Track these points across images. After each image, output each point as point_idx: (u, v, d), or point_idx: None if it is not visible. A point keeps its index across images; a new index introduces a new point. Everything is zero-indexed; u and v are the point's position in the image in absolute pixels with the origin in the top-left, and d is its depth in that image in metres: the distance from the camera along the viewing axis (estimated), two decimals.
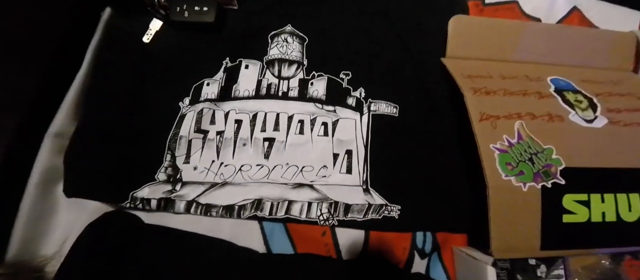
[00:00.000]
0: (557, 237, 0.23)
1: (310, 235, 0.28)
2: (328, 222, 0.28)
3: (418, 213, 0.28)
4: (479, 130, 0.25)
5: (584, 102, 0.29)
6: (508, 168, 0.24)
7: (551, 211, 0.23)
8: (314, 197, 0.28)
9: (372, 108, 0.31)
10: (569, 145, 0.26)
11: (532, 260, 0.27)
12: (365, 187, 0.29)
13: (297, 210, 0.28)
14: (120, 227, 0.25)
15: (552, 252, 0.23)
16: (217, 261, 0.25)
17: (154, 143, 0.28)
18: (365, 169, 0.29)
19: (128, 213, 0.27)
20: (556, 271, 0.27)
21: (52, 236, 0.27)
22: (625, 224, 0.24)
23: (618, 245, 0.24)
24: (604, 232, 0.24)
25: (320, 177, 0.29)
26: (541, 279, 0.27)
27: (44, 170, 0.27)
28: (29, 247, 0.26)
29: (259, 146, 0.29)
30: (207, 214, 0.27)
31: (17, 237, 0.25)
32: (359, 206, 0.28)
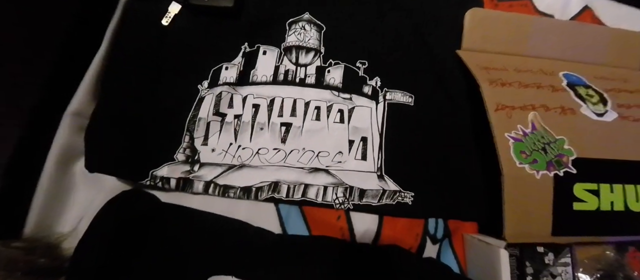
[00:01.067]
0: (568, 224, 0.24)
1: (326, 219, 0.29)
2: (343, 205, 0.29)
3: (431, 200, 0.30)
4: (495, 120, 0.26)
5: (595, 96, 0.30)
6: (522, 156, 0.25)
7: (562, 199, 0.25)
8: (329, 181, 0.29)
9: (387, 97, 0.32)
10: (581, 137, 0.27)
11: (541, 248, 0.28)
12: (380, 173, 0.30)
13: (314, 194, 0.28)
14: (139, 205, 0.26)
15: (563, 238, 0.24)
16: (234, 241, 0.26)
17: (172, 124, 0.28)
18: (380, 156, 0.30)
19: (146, 192, 0.27)
20: (563, 259, 0.29)
21: (69, 214, 0.28)
22: (632, 213, 0.26)
23: (626, 234, 0.25)
24: (612, 220, 0.25)
25: (335, 162, 0.30)
26: (549, 266, 0.29)
27: (63, 149, 0.27)
28: (45, 224, 0.26)
29: (276, 131, 0.30)
30: (225, 195, 0.28)
31: (34, 214, 0.26)
32: (373, 191, 0.29)
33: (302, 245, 0.27)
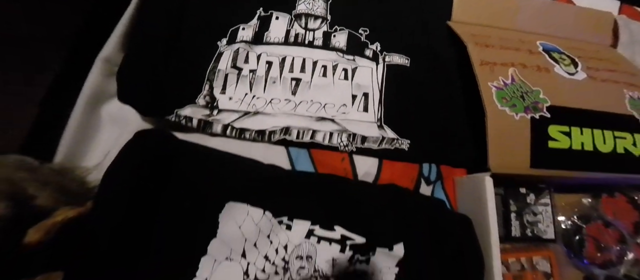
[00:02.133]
0: (544, 159, 0.28)
1: (331, 161, 0.32)
2: (347, 148, 0.32)
3: (425, 147, 0.33)
4: (480, 72, 0.31)
5: (567, 60, 0.35)
6: (503, 101, 0.29)
7: (538, 137, 0.28)
8: (335, 128, 0.33)
9: (387, 59, 0.36)
10: (554, 90, 0.31)
11: (523, 189, 0.32)
12: (380, 123, 0.34)
13: (321, 138, 0.32)
14: (162, 140, 0.29)
15: (540, 170, 0.28)
16: (248, 173, 0.29)
17: (194, 74, 0.32)
18: (380, 109, 0.34)
19: (167, 131, 0.30)
20: (543, 200, 0.32)
21: (95, 151, 0.30)
22: (600, 153, 0.30)
23: (596, 171, 0.29)
24: (582, 158, 0.29)
25: (340, 113, 0.34)
26: (530, 205, 0.32)
27: (93, 90, 0.30)
28: (74, 157, 0.29)
29: (287, 84, 0.34)
30: (241, 137, 0.31)
31: (64, 146, 0.28)
32: (374, 138, 0.33)
33: (309, 179, 0.30)
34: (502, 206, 0.32)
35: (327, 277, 0.28)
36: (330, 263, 0.28)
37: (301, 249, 0.28)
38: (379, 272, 0.29)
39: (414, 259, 0.29)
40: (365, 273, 0.29)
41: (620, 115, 0.32)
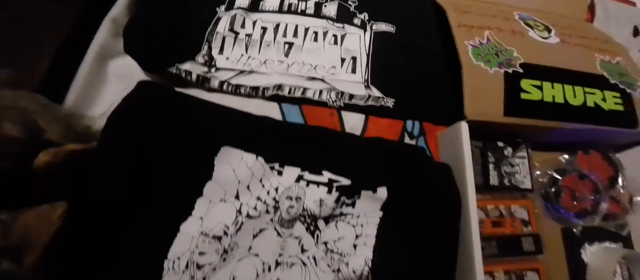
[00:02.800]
0: (517, 108, 0.30)
1: (320, 116, 0.34)
2: (336, 104, 0.34)
3: (408, 105, 0.36)
4: (457, 32, 0.33)
5: (542, 26, 0.38)
6: (478, 57, 0.32)
7: (511, 89, 0.31)
8: (324, 87, 0.35)
9: (374, 27, 0.39)
10: (527, 50, 0.34)
11: (501, 143, 0.34)
12: (366, 84, 0.36)
13: (311, 94, 0.34)
14: (163, 89, 0.31)
15: (513, 119, 0.30)
16: (242, 122, 0.31)
17: (194, 35, 0.35)
18: (367, 71, 0.37)
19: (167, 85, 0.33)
20: (520, 153, 0.35)
21: (100, 103, 0.33)
22: (570, 106, 0.32)
23: (566, 121, 0.31)
24: (553, 109, 0.31)
25: (330, 74, 0.36)
26: (508, 158, 0.34)
27: (100, 48, 0.33)
28: (80, 107, 0.31)
29: (280, 47, 0.36)
30: (236, 92, 0.34)
31: (71, 97, 0.31)
32: (361, 95, 0.35)
33: (300, 129, 0.32)
34: (481, 157, 0.34)
35: (315, 216, 0.30)
36: (318, 203, 0.30)
37: (291, 191, 0.30)
38: (364, 215, 0.31)
39: (396, 202, 0.31)
40: (351, 216, 0.31)
41: (590, 74, 0.35)
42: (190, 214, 0.29)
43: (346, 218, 0.32)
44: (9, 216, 0.23)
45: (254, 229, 0.29)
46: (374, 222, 0.32)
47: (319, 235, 0.31)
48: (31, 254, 0.23)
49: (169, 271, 0.27)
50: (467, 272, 0.28)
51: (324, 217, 0.31)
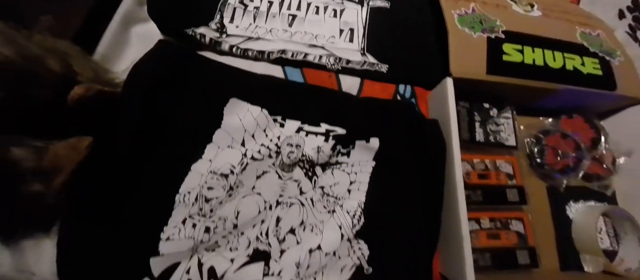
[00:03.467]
0: (498, 68, 0.33)
1: (320, 78, 0.38)
2: (334, 67, 0.38)
3: (401, 71, 0.39)
4: (445, 3, 0.36)
5: (525, 1, 0.41)
6: (464, 24, 0.35)
7: (494, 52, 0.34)
8: (324, 53, 0.39)
9: (370, 3, 0.43)
10: (510, 20, 0.37)
11: (487, 104, 0.37)
12: (363, 51, 0.40)
13: (312, 58, 0.38)
14: (180, 47, 0.35)
15: (495, 77, 0.33)
16: (248, 79, 0.34)
17: (208, 5, 0.39)
18: (363, 41, 0.40)
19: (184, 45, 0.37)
20: (505, 114, 0.37)
21: (124, 61, 0.36)
22: (550, 68, 0.35)
23: (545, 81, 0.34)
24: (533, 70, 0.34)
25: (329, 42, 0.40)
26: (493, 117, 0.37)
27: (126, 13, 0.37)
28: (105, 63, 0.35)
29: (284, 18, 0.40)
30: (244, 55, 0.37)
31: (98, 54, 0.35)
32: (357, 61, 0.38)
33: (301, 87, 0.36)
34: (467, 116, 0.37)
35: (313, 162, 0.33)
36: (316, 150, 0.33)
37: (291, 139, 0.34)
38: (358, 164, 0.34)
39: (388, 151, 0.34)
40: (346, 164, 0.34)
41: (570, 42, 0.37)
42: (201, 157, 0.32)
43: (341, 166, 0.34)
44: (43, 144, 0.27)
45: (257, 170, 0.32)
46: (367, 171, 0.34)
47: (316, 180, 0.34)
48: (59, 177, 0.27)
49: (179, 204, 0.30)
50: (452, 214, 0.30)
51: (321, 164, 0.34)
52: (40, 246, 0.30)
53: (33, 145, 0.26)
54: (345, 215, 0.32)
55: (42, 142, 0.27)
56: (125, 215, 0.29)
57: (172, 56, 0.34)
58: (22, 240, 0.30)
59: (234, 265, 0.29)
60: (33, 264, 0.30)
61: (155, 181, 0.31)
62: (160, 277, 0.28)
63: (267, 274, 0.29)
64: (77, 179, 0.27)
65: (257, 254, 0.30)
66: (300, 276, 0.30)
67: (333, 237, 0.31)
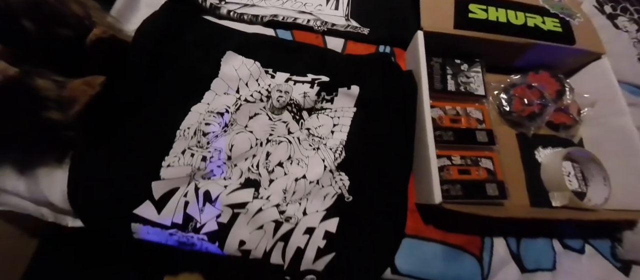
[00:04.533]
0: (465, 23, 0.38)
1: (307, 38, 0.43)
2: (320, 28, 0.42)
3: (381, 34, 0.44)
4: None
5: None
6: None
7: (461, 10, 0.38)
8: (312, 17, 0.44)
9: None
10: None
11: (458, 60, 0.41)
12: (347, 17, 0.44)
13: (301, 21, 0.43)
14: (183, 9, 0.40)
15: (462, 31, 0.37)
16: (243, 35, 0.39)
17: None
18: (348, 8, 0.45)
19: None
20: (475, 68, 0.41)
21: (134, 24, 0.41)
22: (512, 24, 0.39)
23: (508, 35, 0.38)
24: (497, 26, 0.38)
25: (317, 9, 0.45)
26: (464, 71, 0.41)
27: None
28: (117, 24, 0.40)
29: None
30: (240, 19, 0.42)
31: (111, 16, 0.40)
32: (341, 24, 0.43)
33: (291, 44, 0.40)
34: (440, 70, 0.40)
35: (300, 107, 0.37)
36: (302, 95, 0.37)
37: (281, 86, 0.38)
38: (340, 109, 0.38)
39: (367, 97, 0.38)
40: (330, 110, 0.38)
41: (533, 5, 0.42)
42: (200, 101, 0.36)
43: (326, 111, 0.38)
44: (63, 79, 0.31)
45: (250, 111, 0.36)
46: (348, 115, 0.38)
47: (302, 122, 0.38)
48: (75, 107, 0.31)
49: (180, 137, 0.34)
50: (422, 146, 0.33)
51: (308, 109, 0.38)
52: (53, 175, 0.34)
53: (55, 79, 0.31)
54: (328, 151, 0.36)
55: (62, 78, 0.32)
56: (130, 145, 0.33)
57: (177, 15, 0.39)
58: (37, 169, 0.34)
59: (227, 190, 0.33)
60: (46, 189, 0.34)
61: (158, 118, 0.35)
62: (160, 200, 0.32)
63: (257, 197, 0.33)
64: (91, 111, 0.32)
65: (248, 182, 0.34)
66: (286, 201, 0.33)
67: (317, 169, 0.35)
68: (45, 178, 0.34)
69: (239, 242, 0.32)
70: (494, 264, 0.35)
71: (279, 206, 0.33)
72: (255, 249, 0.32)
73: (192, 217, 0.32)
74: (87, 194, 0.32)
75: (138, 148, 0.34)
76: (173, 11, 0.39)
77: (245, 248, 0.32)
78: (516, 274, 0.35)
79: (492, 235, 0.36)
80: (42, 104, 0.31)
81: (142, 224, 0.32)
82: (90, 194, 0.32)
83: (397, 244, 0.34)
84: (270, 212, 0.32)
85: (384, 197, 0.35)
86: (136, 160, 0.33)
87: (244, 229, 0.32)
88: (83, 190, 0.32)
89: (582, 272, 0.37)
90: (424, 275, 0.34)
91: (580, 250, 0.38)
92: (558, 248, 0.38)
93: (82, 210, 0.32)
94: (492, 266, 0.35)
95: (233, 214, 0.32)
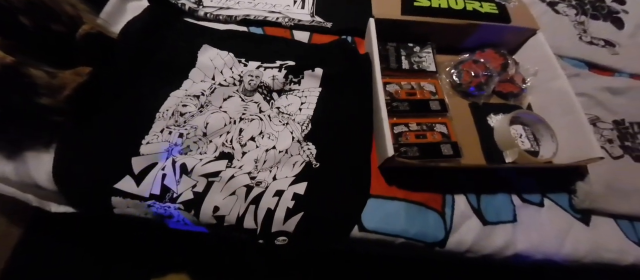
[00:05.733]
0: (411, 10, 0.44)
1: (277, 32, 0.48)
2: (288, 24, 0.48)
3: (343, 26, 0.50)
4: None
5: None
6: None
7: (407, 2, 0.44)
8: (281, 16, 0.49)
9: None
10: None
11: (411, 43, 0.46)
12: (312, 14, 0.50)
13: (271, 19, 0.48)
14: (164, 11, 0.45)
15: (408, 16, 0.43)
16: (219, 32, 0.44)
17: None
18: (313, 6, 0.51)
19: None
20: (426, 49, 0.46)
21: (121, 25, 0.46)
22: (453, 9, 0.45)
23: (450, 18, 0.43)
24: (439, 11, 0.44)
25: (285, 9, 0.51)
26: (417, 53, 0.46)
27: None
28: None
29: None
30: (216, 19, 0.48)
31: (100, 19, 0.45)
32: (307, 20, 0.49)
33: (261, 36, 0.46)
34: (395, 52, 0.46)
35: (270, 88, 0.42)
36: (272, 79, 0.42)
37: (252, 72, 0.42)
38: (307, 90, 0.43)
39: (330, 77, 0.42)
40: (298, 91, 0.42)
41: None
42: (178, 88, 0.40)
43: (294, 92, 0.43)
44: (54, 70, 0.35)
45: (224, 94, 0.41)
46: (314, 94, 0.43)
47: (273, 102, 0.42)
48: (65, 92, 0.35)
49: (159, 119, 0.38)
50: (377, 111, 0.37)
51: (277, 91, 0.42)
52: (41, 158, 0.37)
53: (46, 70, 0.35)
54: (296, 125, 0.40)
55: (53, 69, 0.36)
56: (112, 127, 0.37)
57: (158, 16, 0.45)
58: (26, 153, 0.37)
59: (201, 162, 0.36)
60: (33, 171, 0.37)
61: (139, 103, 0.39)
62: (140, 174, 0.35)
63: (230, 166, 0.36)
64: (79, 97, 0.35)
65: (223, 155, 0.37)
66: (258, 169, 0.36)
67: (286, 140, 0.39)
68: (33, 161, 0.37)
69: (213, 208, 0.34)
70: (456, 218, 0.38)
71: (250, 173, 0.36)
72: (228, 214, 0.35)
73: (169, 188, 0.35)
74: (70, 172, 0.35)
75: (119, 129, 0.37)
76: (155, 13, 0.45)
77: (219, 214, 0.35)
78: (478, 227, 0.38)
79: (453, 193, 0.40)
80: (34, 90, 0.35)
81: (122, 197, 0.35)
82: (73, 172, 0.35)
83: (362, 203, 0.37)
84: (242, 178, 0.35)
85: (349, 162, 0.38)
86: (117, 139, 0.36)
87: (218, 195, 0.35)
88: (67, 169, 0.35)
89: (543, 223, 0.40)
90: (390, 230, 0.36)
91: (540, 204, 0.41)
92: (517, 202, 0.41)
93: (66, 187, 0.35)
94: (454, 220, 0.38)
95: (207, 183, 0.35)
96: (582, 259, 0.40)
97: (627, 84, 0.51)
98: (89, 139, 0.36)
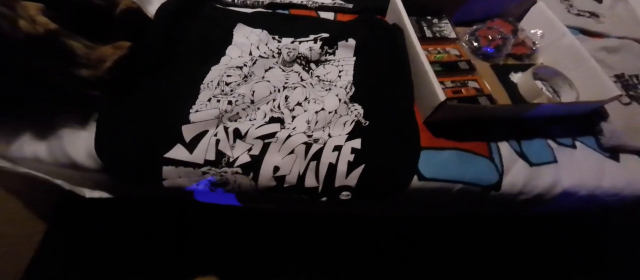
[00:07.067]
0: None
1: (303, 13, 0.50)
2: (313, 5, 0.51)
3: (363, 5, 0.53)
4: None
5: None
6: None
7: None
8: (305, 1, 0.52)
9: None
10: None
11: (430, 16, 0.50)
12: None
13: (296, 2, 0.51)
14: None
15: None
16: (252, 13, 0.46)
17: None
18: None
19: None
20: (444, 21, 0.51)
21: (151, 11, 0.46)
22: None
23: None
24: None
25: None
26: (435, 24, 0.50)
27: None
28: None
29: None
30: (243, 4, 0.50)
31: None
32: (329, 3, 0.52)
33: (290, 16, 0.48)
34: (417, 24, 0.50)
35: (308, 59, 0.43)
36: (309, 50, 0.43)
37: (288, 45, 0.43)
38: (342, 59, 0.44)
39: (363, 46, 0.45)
40: (334, 60, 0.44)
41: None
42: (218, 63, 0.41)
43: (330, 62, 0.44)
44: (93, 44, 0.35)
45: (265, 65, 0.42)
46: (350, 63, 0.45)
47: (312, 72, 0.43)
48: (106, 64, 0.34)
49: (204, 89, 0.38)
50: (424, 80, 0.39)
51: (314, 61, 0.44)
52: (78, 135, 0.35)
53: (85, 43, 0.34)
54: (340, 89, 0.41)
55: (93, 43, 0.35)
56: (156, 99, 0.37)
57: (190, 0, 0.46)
58: (61, 130, 0.35)
59: (255, 125, 0.35)
60: (70, 149, 0.35)
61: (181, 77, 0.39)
62: (191, 142, 0.34)
63: (283, 128, 0.36)
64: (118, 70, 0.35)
65: (273, 120, 0.37)
66: (311, 129, 0.37)
67: (333, 102, 0.39)
68: (70, 137, 0.35)
69: (273, 168, 0.34)
70: (505, 162, 0.40)
71: (305, 133, 0.36)
72: (289, 174, 0.34)
73: (224, 153, 0.34)
74: (115, 145, 0.34)
75: (165, 100, 0.37)
76: None
77: (280, 174, 0.34)
78: (526, 168, 0.40)
79: (496, 141, 0.42)
80: (74, 61, 0.34)
81: (175, 166, 0.33)
82: (118, 145, 0.34)
83: (417, 153, 0.37)
84: (299, 137, 0.35)
85: (395, 119, 0.40)
86: (164, 110, 0.36)
87: (277, 155, 0.34)
88: (111, 142, 0.34)
89: (580, 162, 0.43)
90: (447, 177, 0.37)
91: (572, 146, 0.44)
92: (553, 145, 0.43)
93: (111, 161, 0.33)
94: (504, 164, 0.39)
95: (264, 144, 0.35)
96: (620, 192, 0.42)
97: (619, 43, 0.58)
98: (133, 111, 0.35)
